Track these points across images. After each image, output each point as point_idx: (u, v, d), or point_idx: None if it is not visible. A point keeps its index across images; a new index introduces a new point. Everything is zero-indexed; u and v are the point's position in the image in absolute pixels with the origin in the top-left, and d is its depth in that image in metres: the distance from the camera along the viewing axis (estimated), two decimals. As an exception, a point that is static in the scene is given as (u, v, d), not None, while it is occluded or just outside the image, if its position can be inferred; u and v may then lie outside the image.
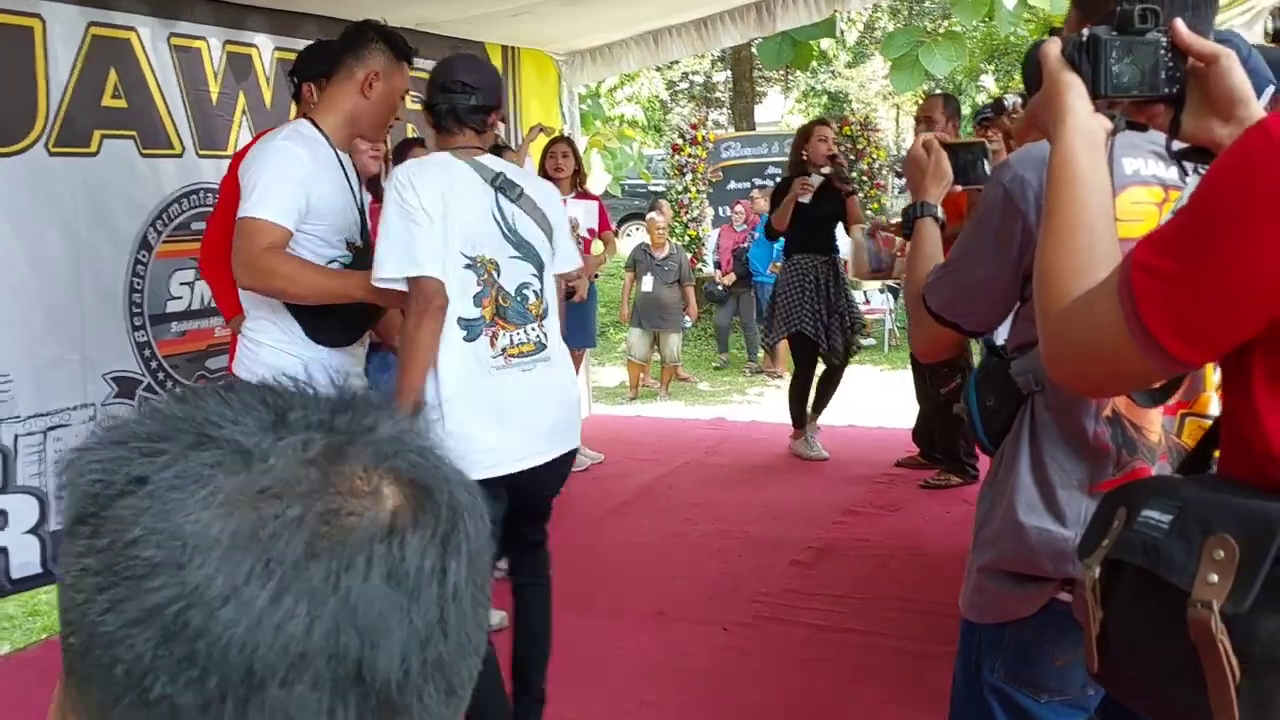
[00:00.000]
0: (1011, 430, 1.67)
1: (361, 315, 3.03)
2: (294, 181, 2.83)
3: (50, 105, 3.93)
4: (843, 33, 17.17)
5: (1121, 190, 1.51)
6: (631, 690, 3.58)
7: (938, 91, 9.18)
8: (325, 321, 2.95)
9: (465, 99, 2.84)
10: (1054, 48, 1.36)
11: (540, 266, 2.93)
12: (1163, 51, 1.33)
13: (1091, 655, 1.19)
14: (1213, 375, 1.54)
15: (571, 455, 3.08)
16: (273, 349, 2.92)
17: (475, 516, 0.56)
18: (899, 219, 2.07)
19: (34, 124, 3.88)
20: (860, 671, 3.64)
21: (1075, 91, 1.33)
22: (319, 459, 0.53)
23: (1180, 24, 1.32)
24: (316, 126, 2.98)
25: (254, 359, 2.95)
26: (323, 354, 2.97)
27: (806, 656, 3.78)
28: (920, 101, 7.66)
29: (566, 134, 6.98)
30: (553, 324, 2.98)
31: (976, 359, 1.95)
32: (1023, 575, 1.63)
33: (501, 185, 2.85)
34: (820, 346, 6.23)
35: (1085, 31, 1.34)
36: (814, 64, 17.57)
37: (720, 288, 10.53)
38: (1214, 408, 1.52)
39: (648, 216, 9.90)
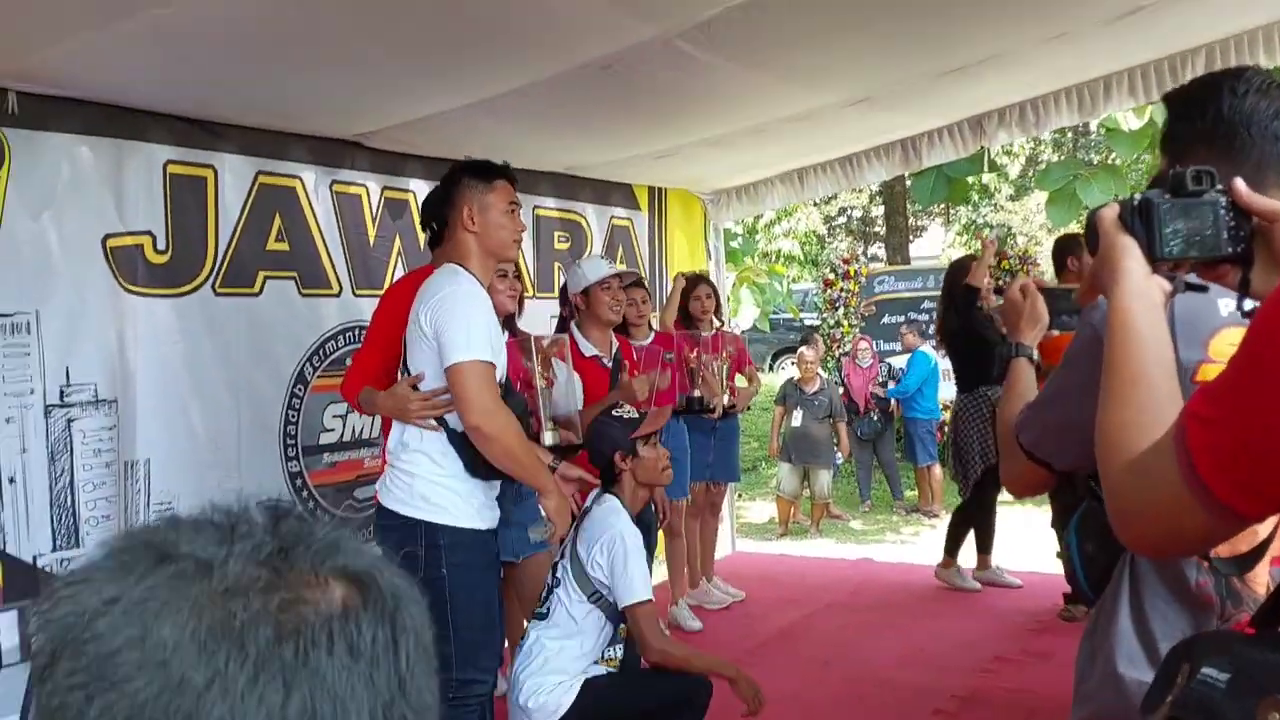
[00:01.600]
0: (1112, 578, 1.62)
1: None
2: (485, 323, 3.11)
3: (219, 248, 4.21)
4: (1003, 166, 17.08)
5: (1216, 332, 1.49)
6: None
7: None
8: (488, 469, 3.12)
9: None
10: (1110, 211, 1.36)
11: None
12: (1223, 211, 1.30)
13: None
14: None
15: None
16: (426, 480, 3.08)
17: (413, 600, 0.64)
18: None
19: (204, 266, 4.16)
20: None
21: (1130, 254, 1.32)
22: (269, 560, 0.60)
23: (1240, 184, 1.29)
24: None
25: (408, 490, 3.11)
26: (476, 485, 3.14)
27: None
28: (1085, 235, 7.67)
29: (712, 271, 7.11)
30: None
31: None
32: None
33: None
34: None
35: (1138, 196, 1.34)
36: (975, 198, 17.47)
37: (877, 426, 10.21)
38: None
39: (799, 351, 9.86)
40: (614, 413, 3.83)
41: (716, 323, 6.18)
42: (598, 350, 4.71)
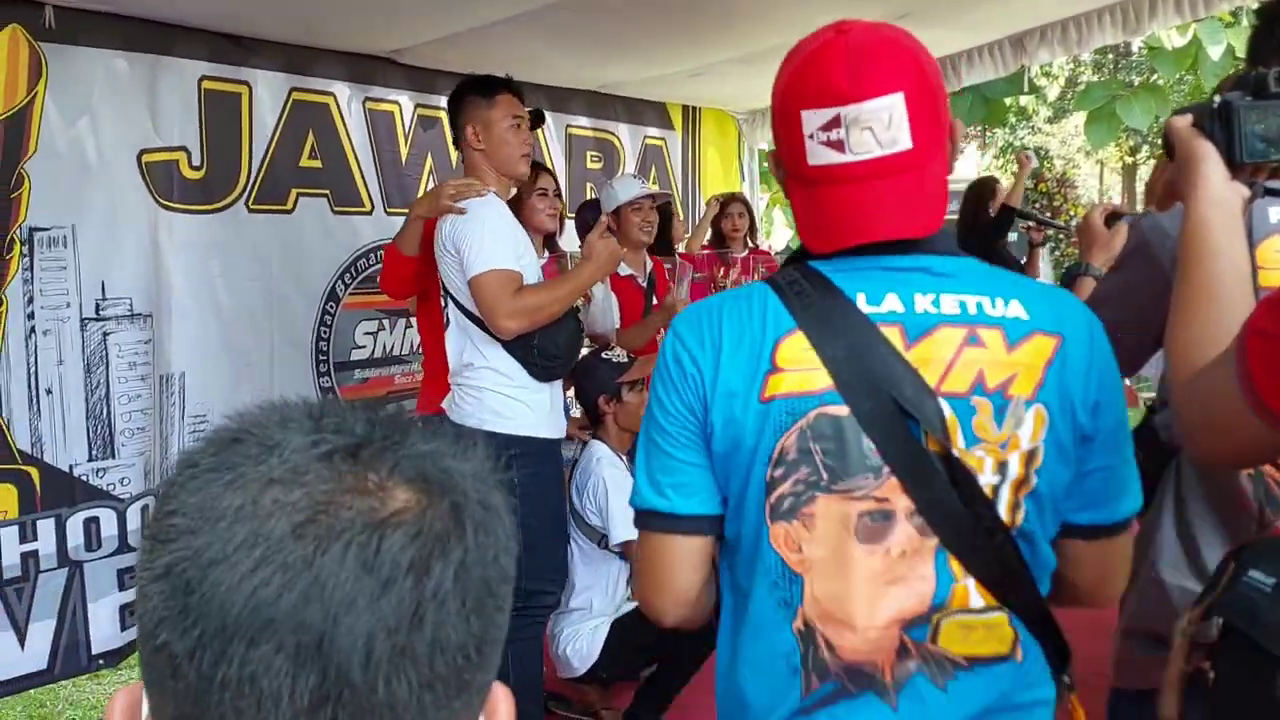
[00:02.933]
0: (1159, 487, 1.61)
1: (577, 341, 3.35)
2: (503, 232, 3.15)
3: (253, 165, 4.22)
4: (1042, 88, 16.75)
5: (1264, 240, 1.45)
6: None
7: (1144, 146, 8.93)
8: (550, 364, 3.21)
9: None
10: (1182, 119, 1.33)
11: None
12: None
13: (1170, 706, 1.14)
14: None
15: None
16: (494, 393, 3.13)
17: (488, 533, 0.61)
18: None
19: (238, 182, 4.18)
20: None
21: (1209, 160, 1.29)
22: (327, 456, 0.59)
23: None
24: None
25: (478, 404, 3.17)
26: (544, 393, 3.20)
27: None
28: (1124, 158, 7.59)
29: (746, 191, 7.06)
30: None
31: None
32: (1164, 637, 1.56)
33: None
34: None
35: (1217, 98, 1.30)
36: (1012, 120, 17.18)
37: None
38: None
39: None
40: (603, 355, 3.85)
41: (750, 243, 6.15)
42: (631, 270, 4.71)
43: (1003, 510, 1.27)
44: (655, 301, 4.72)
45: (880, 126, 1.27)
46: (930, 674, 1.29)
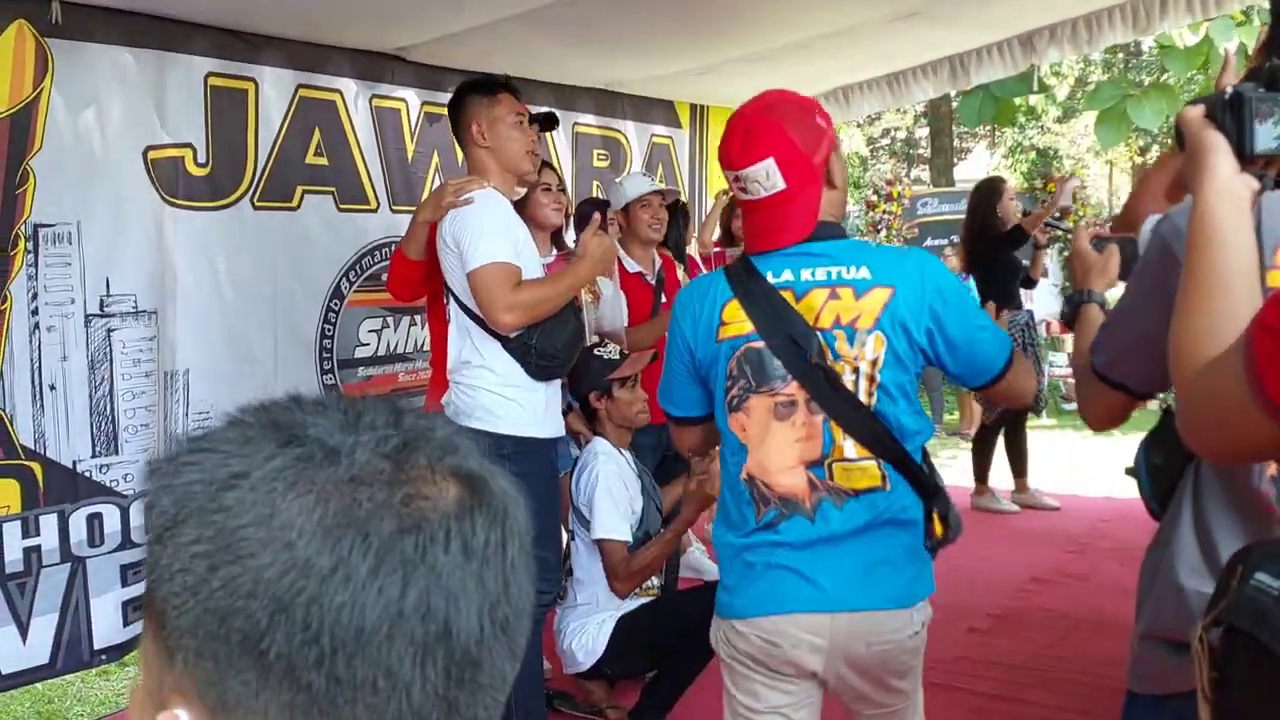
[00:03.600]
0: (1177, 490, 1.59)
1: (578, 341, 3.34)
2: (502, 226, 3.15)
3: (259, 162, 4.21)
4: (1051, 88, 16.72)
5: None
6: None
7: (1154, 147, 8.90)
8: (548, 363, 3.19)
9: None
10: (1194, 110, 1.32)
11: None
12: None
13: (1205, 717, 1.11)
14: None
15: None
16: (489, 392, 3.12)
17: (519, 503, 0.66)
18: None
19: (243, 179, 4.16)
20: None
21: (1218, 152, 1.27)
22: (392, 454, 0.61)
23: None
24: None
25: (472, 403, 3.16)
26: (539, 392, 3.19)
27: (979, 728, 3.63)
28: (1133, 158, 7.55)
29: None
30: None
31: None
32: (1183, 644, 1.53)
33: None
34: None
35: (1229, 89, 1.28)
36: (1021, 120, 17.13)
37: None
38: None
39: None
40: (595, 351, 3.84)
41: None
42: (640, 267, 4.70)
43: (862, 396, 2.10)
44: (665, 300, 4.71)
45: (761, 179, 2.11)
46: (832, 500, 2.12)
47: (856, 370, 2.08)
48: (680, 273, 5.01)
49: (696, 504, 3.60)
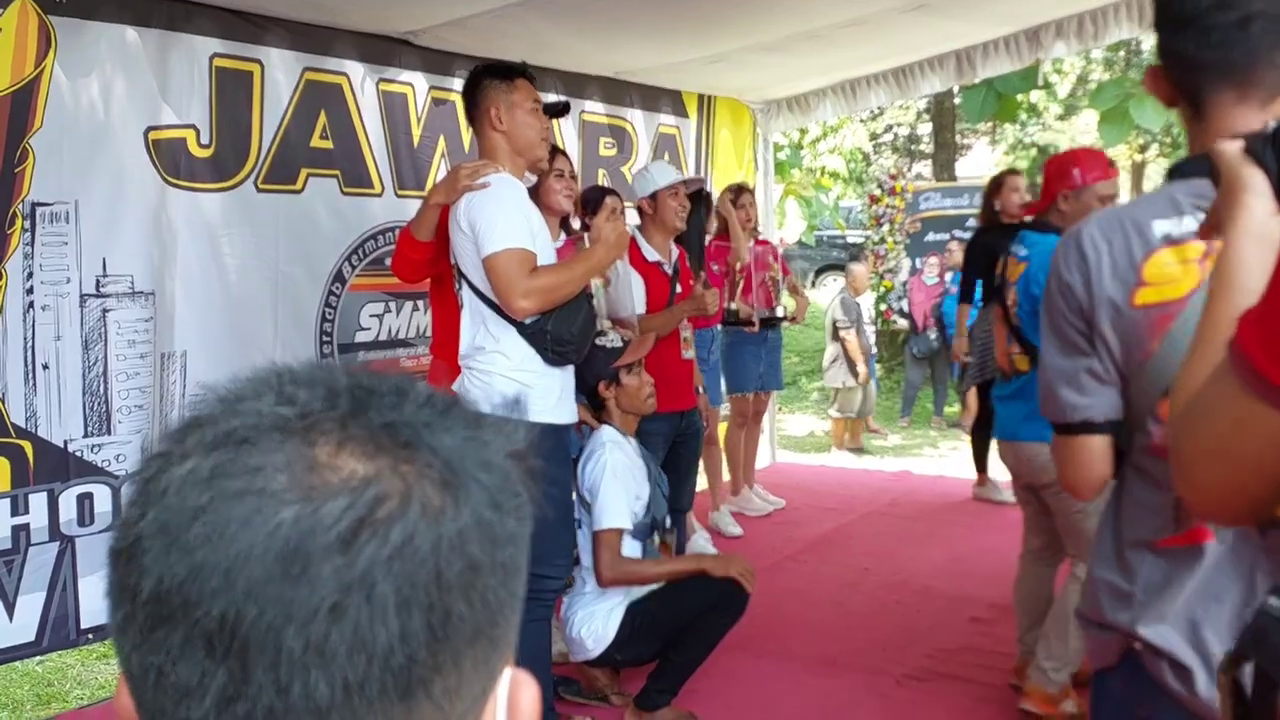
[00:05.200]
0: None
1: (591, 326, 3.31)
2: (518, 211, 3.11)
3: (263, 144, 4.18)
4: (1053, 85, 16.70)
5: (1149, 257, 1.44)
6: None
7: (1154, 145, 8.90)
8: (563, 349, 3.16)
9: None
10: (1233, 144, 1.25)
11: None
12: None
13: None
14: None
15: None
16: (504, 378, 3.10)
17: (440, 514, 0.52)
18: None
19: (247, 161, 4.13)
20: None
21: (1253, 190, 1.20)
22: (284, 426, 0.52)
23: None
24: None
25: (486, 389, 3.12)
26: (554, 378, 3.17)
27: (981, 714, 3.62)
28: (1134, 156, 7.58)
29: (760, 182, 7.04)
30: None
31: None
32: (1103, 624, 1.58)
33: None
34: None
35: (1272, 123, 1.22)
36: (1023, 116, 17.12)
37: (933, 345, 9.98)
38: None
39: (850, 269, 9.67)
40: (597, 341, 3.82)
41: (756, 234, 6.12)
42: (660, 256, 4.68)
43: None
44: (680, 290, 4.69)
45: None
46: None
47: None
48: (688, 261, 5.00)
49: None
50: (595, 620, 3.51)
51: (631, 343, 3.83)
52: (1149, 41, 10.15)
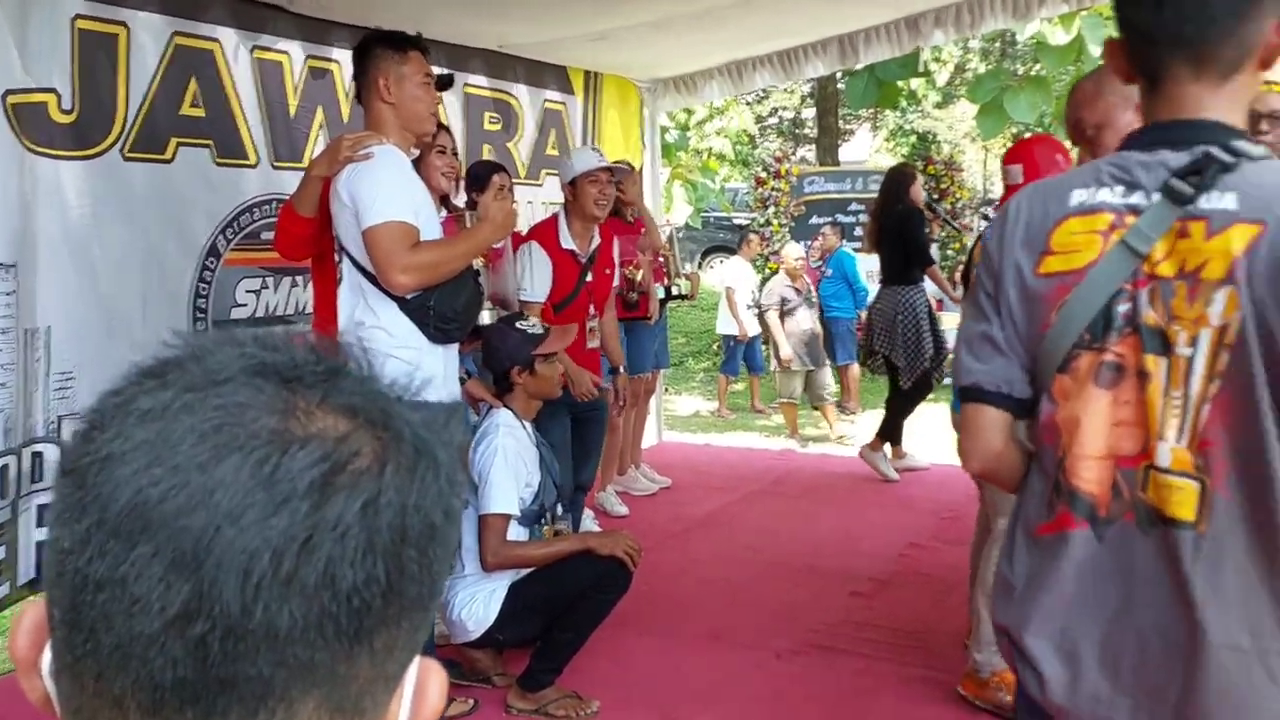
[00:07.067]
0: None
1: (477, 304, 3.30)
2: (400, 184, 3.05)
3: (129, 111, 4.00)
4: (933, 73, 17.03)
5: (1059, 223, 1.45)
6: (679, 709, 3.56)
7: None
8: (447, 326, 3.11)
9: None
10: None
11: None
12: None
13: None
14: (1164, 425, 1.40)
15: None
16: (385, 355, 2.99)
17: (414, 481, 0.55)
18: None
19: (112, 128, 3.95)
20: (911, 704, 3.53)
21: None
22: (260, 373, 0.55)
23: None
24: None
25: None
26: (436, 356, 3.11)
27: (859, 686, 3.69)
28: (1007, 144, 8.11)
29: (647, 162, 7.03)
30: None
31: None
32: (996, 625, 1.60)
33: None
34: (920, 373, 6.46)
35: None
36: (903, 104, 17.43)
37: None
38: (1162, 458, 1.39)
39: (784, 250, 9.64)
40: (517, 324, 3.77)
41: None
42: (575, 245, 4.62)
43: None
44: (589, 279, 4.65)
45: None
46: None
47: None
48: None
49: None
50: (476, 602, 3.48)
51: (554, 332, 3.79)
52: (1024, 33, 10.41)
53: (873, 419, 7.46)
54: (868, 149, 24.83)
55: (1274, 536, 1.34)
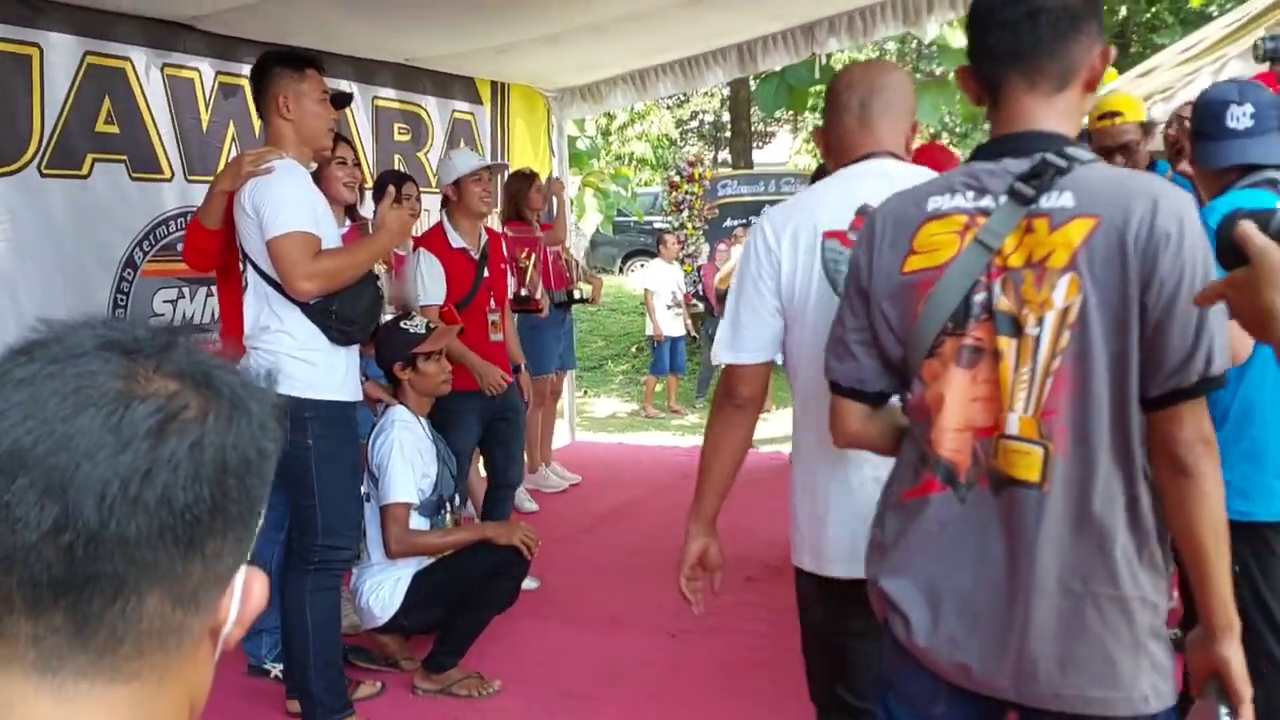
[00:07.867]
0: None
1: (377, 307, 3.47)
2: (301, 196, 3.23)
3: (45, 129, 4.15)
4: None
5: (920, 226, 1.65)
6: (575, 685, 3.81)
7: (941, 137, 9.50)
8: (348, 328, 3.29)
9: None
10: (1251, 225, 1.33)
11: None
12: None
13: None
14: (1013, 397, 1.59)
15: None
16: (289, 357, 3.20)
17: (231, 426, 0.72)
18: None
19: (29, 146, 4.10)
20: (800, 674, 3.79)
21: None
22: (109, 349, 0.71)
23: None
24: None
25: (270, 367, 3.17)
26: (338, 357, 3.30)
27: (750, 661, 3.95)
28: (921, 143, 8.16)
29: (555, 169, 7.22)
30: None
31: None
32: (867, 578, 1.80)
33: None
34: None
35: None
36: (820, 106, 17.78)
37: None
38: (1011, 427, 1.58)
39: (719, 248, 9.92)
40: (401, 324, 3.96)
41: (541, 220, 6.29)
42: (465, 243, 4.74)
43: None
44: (486, 275, 4.77)
45: None
46: None
47: None
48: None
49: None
50: (383, 589, 3.69)
51: (435, 331, 3.97)
52: (927, 37, 10.78)
53: (785, 417, 7.71)
54: (787, 151, 25.25)
55: (1104, 491, 1.53)
